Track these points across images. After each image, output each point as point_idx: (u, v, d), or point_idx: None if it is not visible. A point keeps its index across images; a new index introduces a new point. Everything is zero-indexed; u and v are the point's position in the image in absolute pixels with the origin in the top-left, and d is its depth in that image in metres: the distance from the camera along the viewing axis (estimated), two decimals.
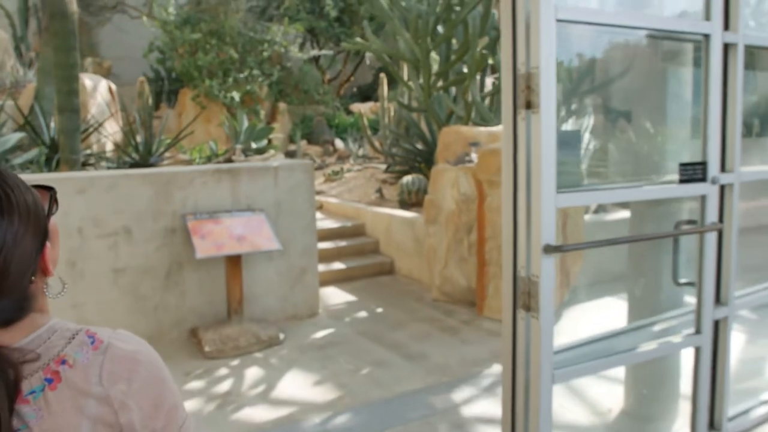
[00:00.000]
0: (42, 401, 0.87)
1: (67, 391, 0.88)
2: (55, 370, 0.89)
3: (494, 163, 5.60)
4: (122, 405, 0.90)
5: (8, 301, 0.89)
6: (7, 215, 0.89)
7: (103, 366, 0.91)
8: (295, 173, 5.62)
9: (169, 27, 13.49)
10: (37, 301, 0.95)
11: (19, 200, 0.92)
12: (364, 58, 19.64)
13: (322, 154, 13.94)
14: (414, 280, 7.39)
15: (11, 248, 0.89)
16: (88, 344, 0.93)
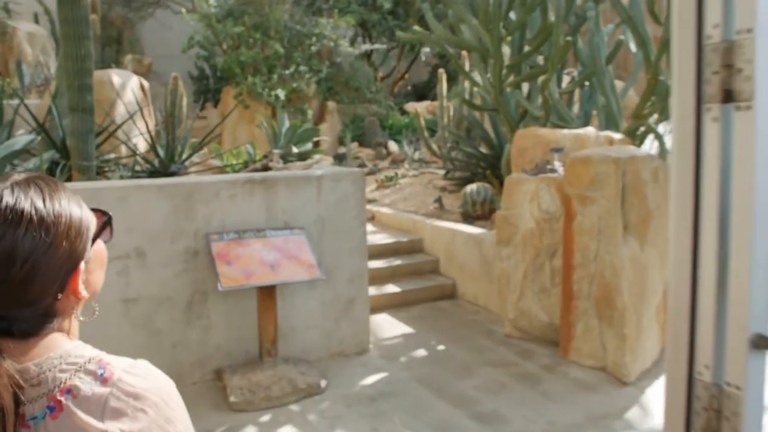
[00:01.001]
0: (42, 428, 0.88)
1: (68, 421, 0.88)
2: (59, 399, 0.89)
3: (586, 174, 4.70)
4: None
5: (29, 312, 0.93)
6: (41, 226, 0.92)
7: (108, 401, 0.90)
8: (342, 183, 4.84)
9: (211, 20, 12.92)
10: (61, 321, 0.99)
11: (58, 214, 0.95)
12: (420, 54, 18.81)
13: (374, 157, 13.16)
14: (480, 307, 6.51)
15: (39, 259, 0.91)
16: (98, 375, 0.92)
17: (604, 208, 4.64)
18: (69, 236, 0.96)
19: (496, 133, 9.65)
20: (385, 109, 15.27)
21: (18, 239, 0.91)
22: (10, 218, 0.92)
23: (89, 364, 0.93)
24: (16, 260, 0.91)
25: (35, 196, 0.95)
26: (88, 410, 0.89)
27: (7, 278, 0.90)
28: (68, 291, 0.98)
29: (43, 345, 0.95)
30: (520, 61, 6.21)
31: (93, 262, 1.03)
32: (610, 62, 6.90)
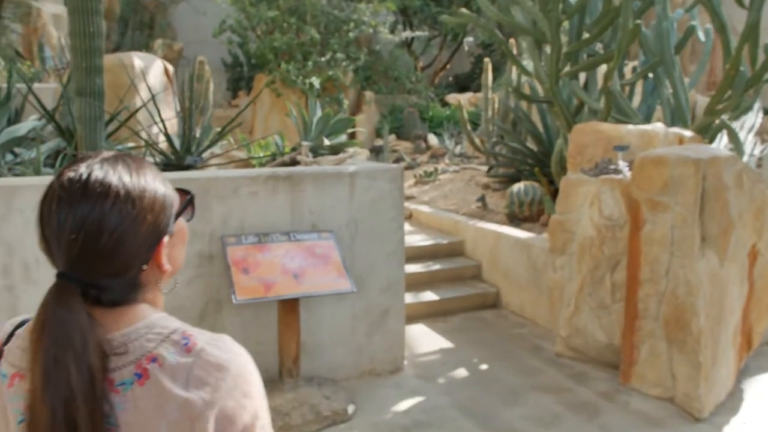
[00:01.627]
0: (130, 394, 0.95)
1: (154, 389, 0.94)
2: (145, 367, 0.96)
3: (659, 176, 4.14)
4: (200, 414, 0.94)
5: (116, 282, 1.00)
6: (127, 200, 0.99)
7: (192, 370, 0.96)
8: (378, 181, 4.36)
9: (244, 4, 12.52)
10: (146, 292, 1.06)
11: (143, 189, 1.02)
12: (463, 44, 18.22)
13: (412, 151, 12.66)
14: (527, 320, 6.00)
15: (125, 231, 0.98)
16: (181, 346, 0.98)
17: (679, 216, 4.08)
18: (154, 210, 1.03)
19: (545, 127, 9.07)
20: (425, 101, 14.74)
21: (106, 212, 0.97)
22: (98, 192, 0.98)
23: (173, 335, 1.00)
24: (104, 232, 0.97)
25: (123, 172, 1.01)
26: (172, 378, 0.95)
27: (96, 249, 0.97)
28: (153, 263, 1.04)
29: (130, 315, 1.02)
30: (580, 48, 5.65)
31: (176, 237, 1.10)
32: (679, 51, 6.29)
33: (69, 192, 0.98)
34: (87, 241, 0.97)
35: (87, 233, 0.96)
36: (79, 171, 1.00)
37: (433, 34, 17.37)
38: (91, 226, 0.96)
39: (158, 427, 0.94)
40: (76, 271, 0.98)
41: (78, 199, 0.97)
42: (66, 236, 0.97)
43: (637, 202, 4.32)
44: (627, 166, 4.90)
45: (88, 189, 0.98)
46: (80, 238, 0.97)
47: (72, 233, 0.97)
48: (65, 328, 0.94)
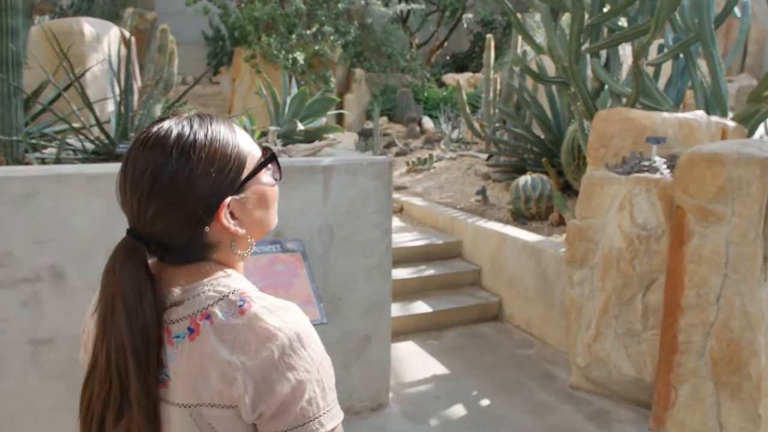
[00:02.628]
0: (181, 348, 0.99)
1: (201, 345, 0.98)
2: (198, 323, 0.99)
3: (713, 179, 3.37)
4: (238, 378, 0.95)
5: (179, 240, 1.02)
6: (186, 154, 0.99)
7: (239, 333, 0.97)
8: (360, 177, 3.57)
9: None
10: (216, 252, 1.06)
11: (206, 144, 1.01)
12: (461, 20, 17.34)
13: (405, 135, 11.84)
14: (534, 338, 5.25)
15: (183, 186, 0.98)
16: (236, 307, 1.00)
17: (737, 229, 3.31)
18: (216, 165, 1.01)
19: (553, 111, 8.28)
20: (420, 80, 13.88)
21: (163, 164, 0.98)
22: (157, 145, 1.00)
23: (232, 294, 1.01)
24: (160, 185, 0.98)
25: (186, 124, 1.02)
26: (220, 338, 0.97)
27: (153, 203, 0.98)
28: (216, 223, 1.03)
29: (195, 272, 1.04)
30: (607, 18, 4.84)
31: (251, 199, 1.07)
32: (719, 26, 5.50)
33: (136, 148, 1.01)
34: (145, 195, 0.98)
35: (144, 188, 0.98)
36: (151, 127, 1.03)
37: (431, 9, 16.47)
38: (148, 180, 0.98)
39: (200, 384, 0.97)
40: (138, 226, 1.01)
41: (140, 153, 1.00)
42: (129, 191, 1.00)
43: (682, 210, 3.55)
44: (665, 162, 4.13)
45: (149, 142, 1.00)
46: (139, 192, 0.99)
47: (133, 188, 0.99)
48: (123, 282, 0.99)
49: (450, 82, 14.72)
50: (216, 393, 0.97)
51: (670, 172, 4.04)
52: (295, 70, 11.47)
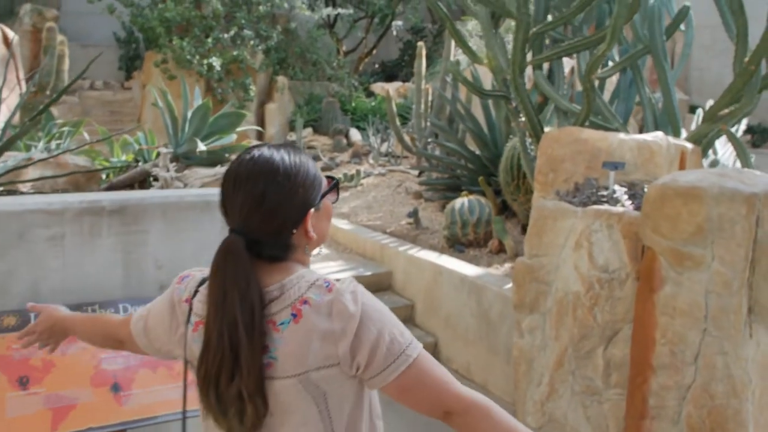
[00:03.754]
0: (288, 331, 1.31)
1: (305, 323, 1.30)
2: (299, 308, 1.32)
3: (690, 217, 2.89)
4: (338, 337, 1.30)
5: (273, 240, 1.36)
6: (286, 177, 1.35)
7: (332, 306, 1.31)
8: None
9: None
10: (296, 252, 1.40)
11: (298, 169, 1.38)
12: (391, 28, 16.87)
13: (331, 148, 11.23)
14: (476, 385, 4.69)
15: (282, 200, 1.34)
16: (324, 288, 1.34)
17: (719, 276, 2.83)
18: (305, 186, 1.38)
19: (489, 126, 7.82)
20: (347, 89, 13.29)
21: (268, 183, 1.34)
22: (264, 168, 1.35)
23: (318, 281, 1.35)
24: (266, 199, 1.33)
25: (284, 154, 1.39)
26: (318, 313, 1.31)
27: (259, 211, 1.33)
28: (301, 230, 1.38)
29: (283, 269, 1.38)
30: (553, 28, 4.36)
31: (321, 212, 1.43)
32: (669, 37, 5.12)
33: (244, 168, 1.36)
34: (253, 205, 1.33)
35: (254, 199, 1.33)
36: (252, 152, 1.40)
37: (359, 15, 15.93)
38: (257, 194, 1.33)
39: (307, 352, 1.29)
40: (244, 228, 1.34)
41: (249, 173, 1.35)
42: (239, 201, 1.34)
43: (652, 252, 3.05)
44: (625, 192, 3.65)
45: (257, 166, 1.35)
46: (248, 202, 1.33)
47: (243, 199, 1.33)
48: (233, 270, 1.30)
49: (379, 91, 14.20)
50: (321, 357, 1.30)
51: (632, 203, 3.56)
52: (211, 77, 10.70)
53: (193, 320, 1.41)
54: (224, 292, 1.29)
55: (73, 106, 13.81)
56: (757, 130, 11.96)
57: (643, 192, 3.72)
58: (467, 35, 11.51)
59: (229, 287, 1.29)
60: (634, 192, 3.72)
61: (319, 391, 1.32)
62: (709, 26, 11.35)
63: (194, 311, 1.42)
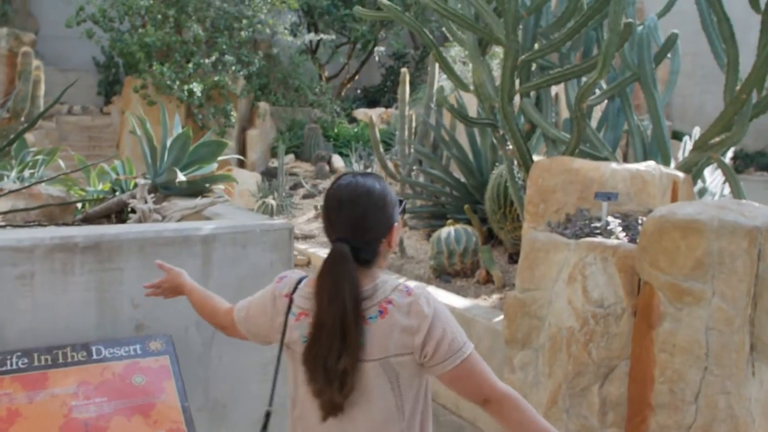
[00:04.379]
0: (375, 324, 1.67)
1: (389, 319, 1.67)
2: (384, 306, 1.68)
3: (689, 251, 2.83)
4: (414, 332, 1.66)
5: (368, 246, 1.73)
6: (380, 199, 1.75)
7: (411, 307, 1.67)
8: (250, 250, 2.83)
9: None
10: (379, 259, 1.79)
11: (386, 193, 1.77)
12: (373, 53, 16.88)
13: (314, 175, 11.14)
14: (465, 420, 4.61)
15: (378, 217, 1.74)
16: (404, 292, 1.70)
17: (720, 312, 2.76)
18: (390, 206, 1.78)
19: (474, 153, 7.77)
20: (330, 115, 13.22)
21: (368, 204, 1.73)
22: (363, 191, 1.74)
23: (399, 286, 1.72)
24: (367, 216, 1.72)
25: (373, 180, 1.79)
26: (399, 312, 1.67)
27: (361, 225, 1.71)
28: (386, 240, 1.78)
29: (371, 274, 1.74)
30: (542, 56, 4.32)
31: (396, 228, 1.80)
32: (659, 64, 5.10)
33: (345, 192, 1.75)
34: (357, 221, 1.71)
35: (357, 217, 1.71)
36: (348, 179, 1.79)
37: (341, 41, 15.92)
38: (360, 213, 1.72)
39: (389, 342, 1.66)
40: (348, 238, 1.70)
41: (351, 196, 1.73)
42: (344, 218, 1.72)
43: (650, 287, 2.97)
44: (619, 223, 3.57)
45: (356, 191, 1.74)
46: (352, 219, 1.71)
47: (348, 217, 1.72)
48: (344, 269, 1.66)
49: (362, 117, 14.16)
50: (400, 346, 1.67)
51: (626, 235, 3.48)
52: (191, 103, 10.58)
53: (295, 311, 1.79)
54: (337, 286, 1.65)
55: (50, 131, 13.61)
56: (739, 155, 12.02)
57: (638, 223, 3.65)
58: (451, 61, 11.50)
59: (341, 282, 1.65)
60: (627, 223, 3.65)
61: (393, 373, 1.69)
62: (690, 53, 11.45)
63: (295, 304, 1.79)
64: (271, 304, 1.85)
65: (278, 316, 1.81)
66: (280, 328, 1.80)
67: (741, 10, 4.58)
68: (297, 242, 7.16)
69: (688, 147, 5.92)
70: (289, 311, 1.79)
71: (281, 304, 1.82)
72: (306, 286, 1.79)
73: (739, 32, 4.41)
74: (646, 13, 13.38)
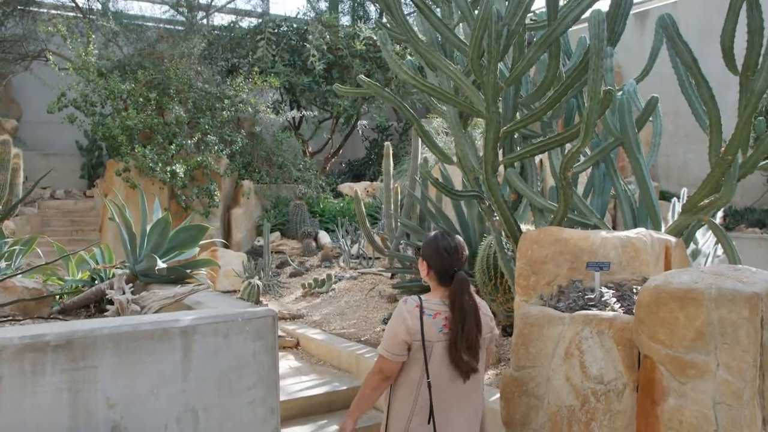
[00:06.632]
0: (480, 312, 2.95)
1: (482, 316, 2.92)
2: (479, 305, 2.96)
3: (689, 322, 2.75)
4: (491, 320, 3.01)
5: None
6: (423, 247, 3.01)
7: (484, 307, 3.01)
8: (232, 340, 2.72)
9: (90, 74, 10.70)
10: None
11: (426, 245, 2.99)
12: (356, 127, 17.07)
13: (301, 252, 11.04)
14: None
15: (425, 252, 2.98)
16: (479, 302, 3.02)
17: (727, 386, 2.65)
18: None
19: (462, 224, 7.74)
20: (315, 191, 13.23)
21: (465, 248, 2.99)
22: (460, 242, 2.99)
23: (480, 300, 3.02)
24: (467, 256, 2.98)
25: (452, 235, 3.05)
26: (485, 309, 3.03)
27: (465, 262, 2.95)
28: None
29: None
30: (525, 126, 4.32)
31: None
32: (641, 128, 5.13)
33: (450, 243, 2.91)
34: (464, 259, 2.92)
35: (464, 256, 2.93)
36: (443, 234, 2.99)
37: (324, 116, 16.10)
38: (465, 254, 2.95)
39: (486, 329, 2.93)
40: (462, 268, 2.87)
41: (457, 244, 2.93)
42: (458, 258, 2.89)
43: (651, 361, 2.88)
44: (613, 294, 3.49)
45: (456, 241, 2.94)
46: (462, 259, 2.91)
47: (459, 257, 2.90)
48: (468, 287, 2.83)
49: (347, 192, 14.18)
50: (488, 328, 2.95)
51: (621, 306, 3.40)
52: (175, 184, 10.56)
53: (430, 313, 2.79)
54: (470, 305, 2.82)
55: (31, 217, 13.52)
56: (728, 212, 12.07)
57: (632, 293, 3.58)
58: (433, 132, 11.62)
59: (470, 302, 2.82)
60: (622, 293, 3.57)
61: (485, 343, 2.94)
62: (671, 113, 11.64)
63: (427, 308, 2.79)
64: (410, 319, 2.75)
65: (415, 322, 2.74)
66: (420, 330, 2.72)
67: (717, 69, 4.62)
68: (285, 323, 7.02)
69: (677, 209, 5.91)
70: (423, 315, 2.75)
71: (414, 315, 2.76)
72: (428, 299, 2.85)
73: (717, 90, 4.46)
74: (624, 77, 13.70)
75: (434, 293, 2.90)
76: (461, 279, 2.79)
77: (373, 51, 14.52)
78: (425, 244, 2.99)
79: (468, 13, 4.65)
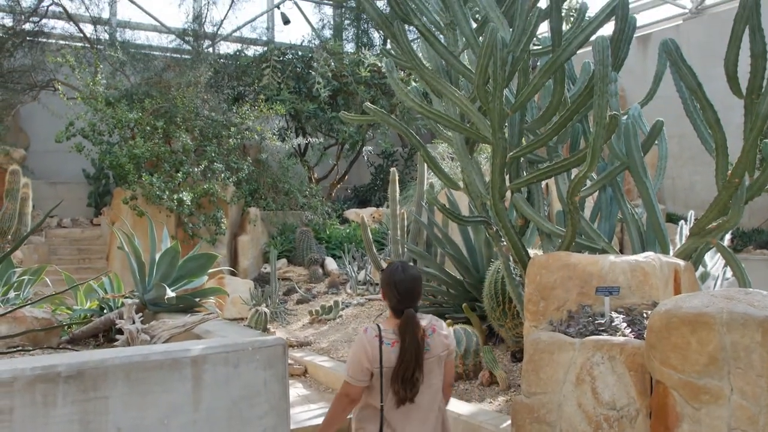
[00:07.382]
0: (432, 338, 3.05)
1: (437, 335, 3.07)
2: (433, 326, 3.09)
3: (701, 347, 2.73)
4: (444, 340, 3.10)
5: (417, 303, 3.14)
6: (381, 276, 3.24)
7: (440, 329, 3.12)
8: (243, 369, 2.71)
9: (98, 103, 10.80)
10: None
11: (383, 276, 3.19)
12: (362, 153, 17.14)
13: (308, 278, 11.03)
14: None
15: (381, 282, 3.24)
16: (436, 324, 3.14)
17: (742, 411, 2.64)
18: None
19: (469, 249, 7.73)
20: (321, 217, 13.26)
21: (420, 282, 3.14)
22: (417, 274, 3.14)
23: (432, 320, 3.15)
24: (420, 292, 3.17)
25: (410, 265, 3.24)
26: (440, 330, 3.11)
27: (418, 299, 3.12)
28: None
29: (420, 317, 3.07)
30: (531, 151, 4.34)
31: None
32: (647, 151, 5.14)
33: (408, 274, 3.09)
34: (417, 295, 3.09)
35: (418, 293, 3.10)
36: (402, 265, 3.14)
37: (329, 143, 16.18)
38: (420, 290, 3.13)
39: (439, 346, 3.06)
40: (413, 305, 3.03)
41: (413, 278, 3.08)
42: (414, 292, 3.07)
43: (663, 386, 2.86)
44: (623, 319, 3.48)
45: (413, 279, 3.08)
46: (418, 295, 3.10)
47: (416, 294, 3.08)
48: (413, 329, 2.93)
49: (353, 218, 14.20)
50: (443, 347, 3.08)
51: (631, 331, 3.39)
52: (181, 212, 10.60)
53: (389, 342, 2.94)
54: (412, 336, 2.91)
55: (39, 246, 13.55)
56: (736, 234, 12.04)
57: (642, 317, 3.57)
58: (439, 157, 11.65)
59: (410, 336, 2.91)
60: (632, 318, 3.57)
61: (441, 362, 3.07)
62: (676, 135, 11.65)
63: (385, 338, 2.94)
64: (370, 347, 2.91)
65: (374, 350, 2.91)
66: (378, 358, 2.89)
67: (721, 90, 4.63)
68: (292, 350, 7.00)
69: (684, 231, 5.90)
70: (381, 344, 2.91)
71: (373, 345, 2.92)
72: (386, 329, 2.97)
73: (722, 112, 4.46)
74: (628, 100, 13.75)
75: (390, 322, 3.04)
76: (408, 317, 2.94)
77: (377, 77, 14.63)
78: (382, 274, 3.19)
79: (473, 40, 4.70)
